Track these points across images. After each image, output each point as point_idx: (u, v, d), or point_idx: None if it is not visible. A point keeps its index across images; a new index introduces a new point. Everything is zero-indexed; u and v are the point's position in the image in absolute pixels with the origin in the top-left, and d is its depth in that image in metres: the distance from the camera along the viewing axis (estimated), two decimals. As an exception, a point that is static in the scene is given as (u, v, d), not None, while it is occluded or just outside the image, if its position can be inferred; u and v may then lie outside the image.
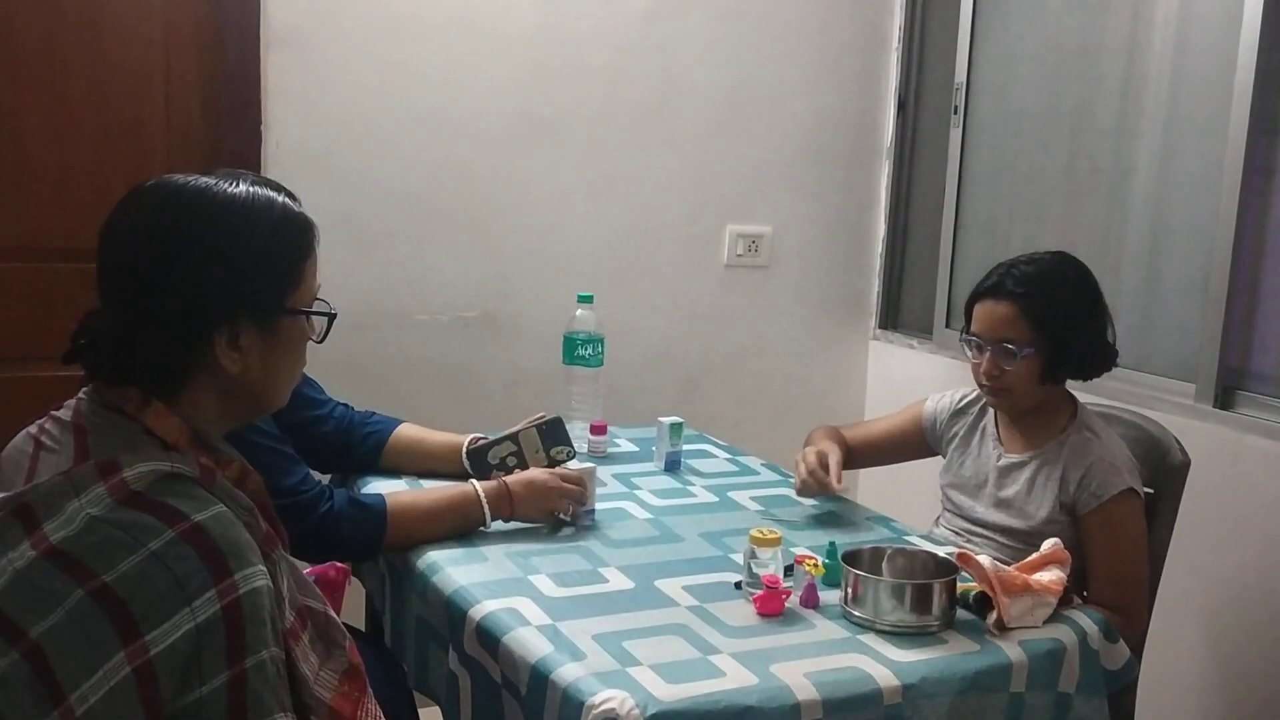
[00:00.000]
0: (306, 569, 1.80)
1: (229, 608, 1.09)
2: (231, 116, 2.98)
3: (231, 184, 1.27)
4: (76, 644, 1.06)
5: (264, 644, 1.12)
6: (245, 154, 2.96)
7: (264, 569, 1.15)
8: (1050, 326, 2.14)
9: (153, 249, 1.23)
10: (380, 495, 2.01)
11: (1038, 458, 2.20)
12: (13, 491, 1.17)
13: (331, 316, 1.37)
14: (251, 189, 1.28)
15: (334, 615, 1.31)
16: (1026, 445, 2.23)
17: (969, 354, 2.23)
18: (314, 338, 1.36)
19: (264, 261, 1.27)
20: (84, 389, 1.27)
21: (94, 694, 1.05)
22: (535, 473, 2.13)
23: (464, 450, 2.28)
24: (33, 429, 1.28)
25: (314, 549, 1.84)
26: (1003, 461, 2.25)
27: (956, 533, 2.30)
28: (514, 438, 2.28)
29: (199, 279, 1.22)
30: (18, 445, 1.28)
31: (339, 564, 1.85)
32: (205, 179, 1.27)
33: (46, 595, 1.08)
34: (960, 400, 2.39)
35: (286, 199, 1.32)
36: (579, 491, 2.11)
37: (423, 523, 1.99)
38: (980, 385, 2.23)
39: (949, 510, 2.36)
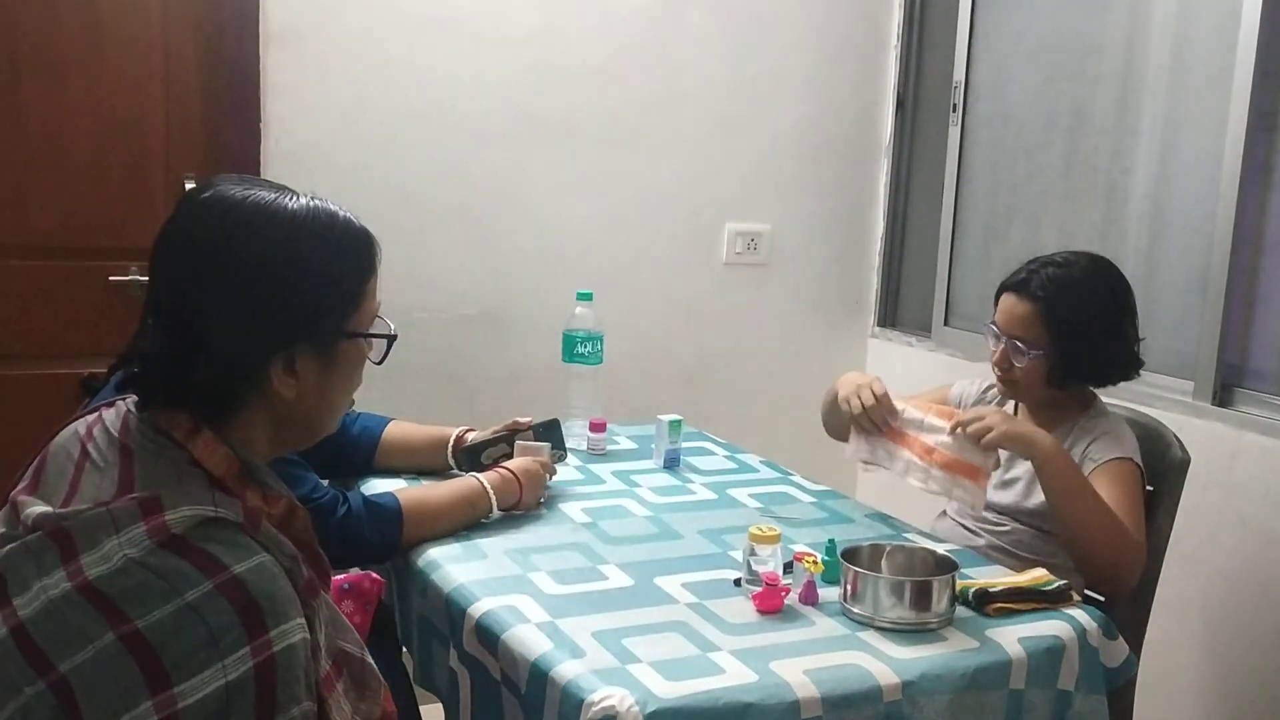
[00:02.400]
0: (339, 576, 1.81)
1: (261, 665, 1.06)
2: (231, 114, 2.98)
3: (291, 200, 1.22)
4: (104, 686, 1.04)
5: (295, 700, 1.09)
6: (245, 151, 2.96)
7: (302, 622, 1.11)
8: (1064, 334, 2.16)
9: (210, 270, 1.17)
10: (391, 494, 2.02)
11: None
12: (53, 510, 1.14)
13: (392, 338, 1.31)
14: (312, 205, 1.23)
15: (370, 661, 1.28)
16: None
17: (989, 344, 2.27)
18: (373, 359, 1.31)
19: (325, 285, 1.22)
20: (133, 401, 1.23)
21: None
22: (524, 462, 2.18)
23: (450, 445, 2.29)
24: (81, 429, 1.23)
25: (336, 554, 1.82)
26: None
27: (962, 517, 2.32)
28: (508, 440, 2.27)
29: (258, 304, 1.17)
30: (65, 446, 1.23)
31: (375, 576, 1.84)
32: (262, 192, 1.21)
33: (77, 633, 1.05)
34: (984, 388, 2.43)
35: (348, 215, 1.26)
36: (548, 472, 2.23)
37: (435, 518, 2.01)
38: (994, 373, 2.28)
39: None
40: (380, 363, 1.32)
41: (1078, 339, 2.16)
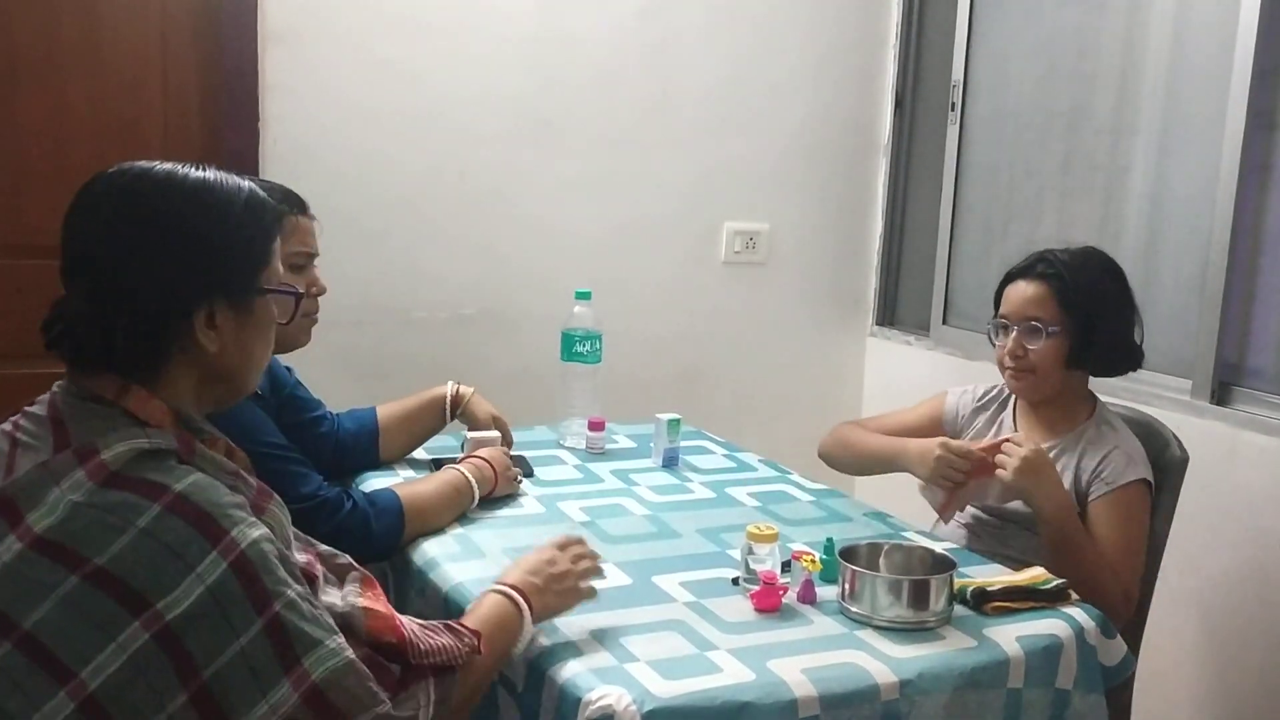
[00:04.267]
0: None
1: (236, 563, 1.10)
2: (229, 114, 2.98)
3: (197, 169, 1.28)
4: (76, 625, 1.07)
5: (285, 584, 1.14)
6: (243, 151, 2.96)
7: (255, 521, 1.16)
8: (1078, 309, 2.17)
9: (129, 233, 1.22)
10: (389, 489, 2.03)
11: (1054, 447, 2.21)
12: None
13: (298, 296, 1.38)
14: (218, 173, 1.29)
15: (347, 558, 1.35)
16: (1044, 437, 2.25)
17: (995, 339, 2.26)
18: (280, 320, 1.35)
19: (238, 240, 1.27)
20: (58, 383, 1.26)
21: (111, 664, 1.06)
22: (491, 452, 2.22)
23: (449, 400, 2.38)
24: (6, 426, 1.27)
25: (345, 551, 1.84)
26: None
27: (965, 521, 2.32)
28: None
29: (177, 260, 1.22)
30: None
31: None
32: (169, 164, 1.27)
33: (36, 586, 1.08)
34: (982, 396, 2.41)
35: (252, 183, 1.32)
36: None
37: (431, 511, 2.03)
38: (1003, 369, 2.25)
39: None
40: (288, 324, 1.38)
41: (1090, 314, 2.17)
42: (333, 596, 1.28)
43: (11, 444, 1.23)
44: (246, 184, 1.31)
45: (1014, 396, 2.34)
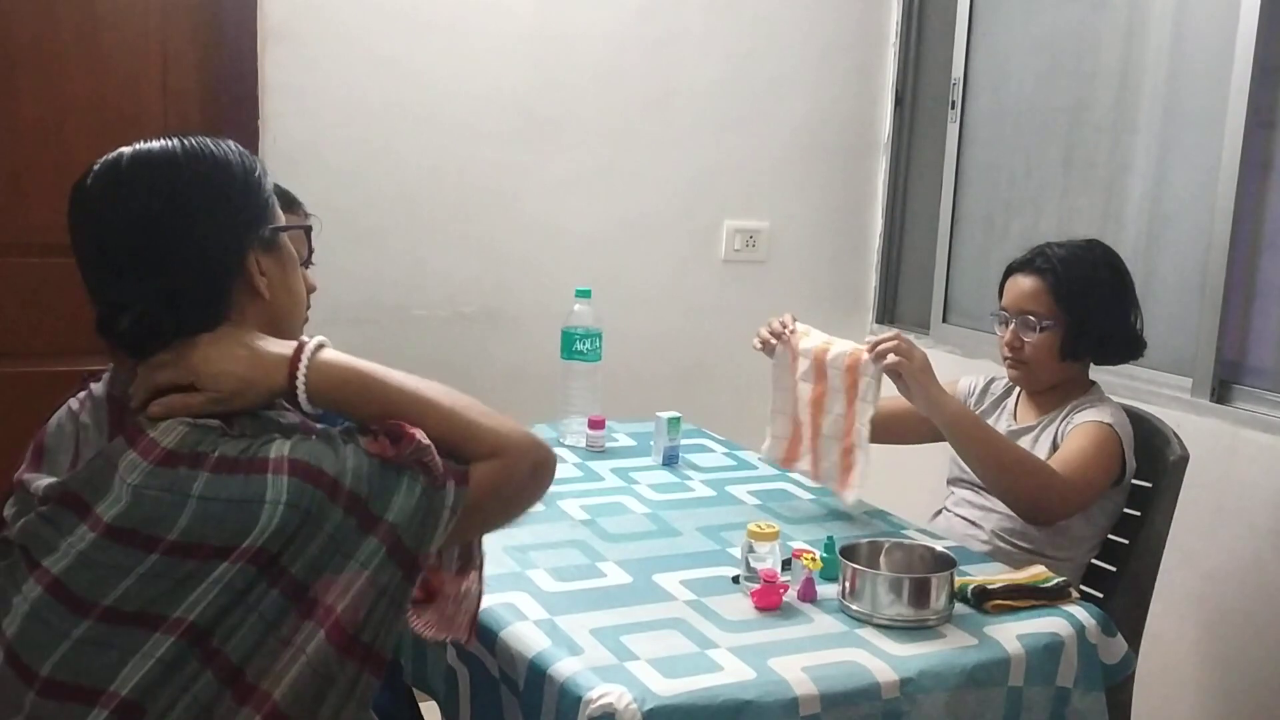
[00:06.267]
0: None
1: (294, 469, 1.14)
2: (229, 112, 2.97)
3: (177, 138, 1.32)
4: (160, 586, 1.11)
5: (344, 459, 1.17)
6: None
7: (284, 436, 1.18)
8: (1073, 303, 2.22)
9: (165, 203, 1.25)
10: None
11: (1043, 421, 2.29)
12: (57, 479, 1.19)
13: (308, 230, 1.47)
14: (199, 138, 1.33)
15: None
16: (1037, 416, 2.32)
17: (997, 330, 2.33)
18: (301, 260, 1.39)
19: (250, 185, 1.31)
20: (113, 366, 1.28)
21: (206, 596, 1.11)
22: None
23: None
24: (74, 405, 1.30)
25: None
26: (1013, 428, 2.33)
27: (958, 504, 2.36)
28: None
29: (217, 213, 1.26)
30: (60, 424, 1.29)
31: None
32: (155, 141, 1.32)
33: (113, 569, 1.12)
34: (989, 381, 2.48)
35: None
36: None
37: None
38: (1003, 359, 2.31)
39: (957, 480, 2.40)
40: (306, 264, 1.42)
41: (1084, 308, 2.22)
42: None
43: (77, 425, 1.27)
44: (230, 141, 1.35)
45: (1017, 386, 2.39)
